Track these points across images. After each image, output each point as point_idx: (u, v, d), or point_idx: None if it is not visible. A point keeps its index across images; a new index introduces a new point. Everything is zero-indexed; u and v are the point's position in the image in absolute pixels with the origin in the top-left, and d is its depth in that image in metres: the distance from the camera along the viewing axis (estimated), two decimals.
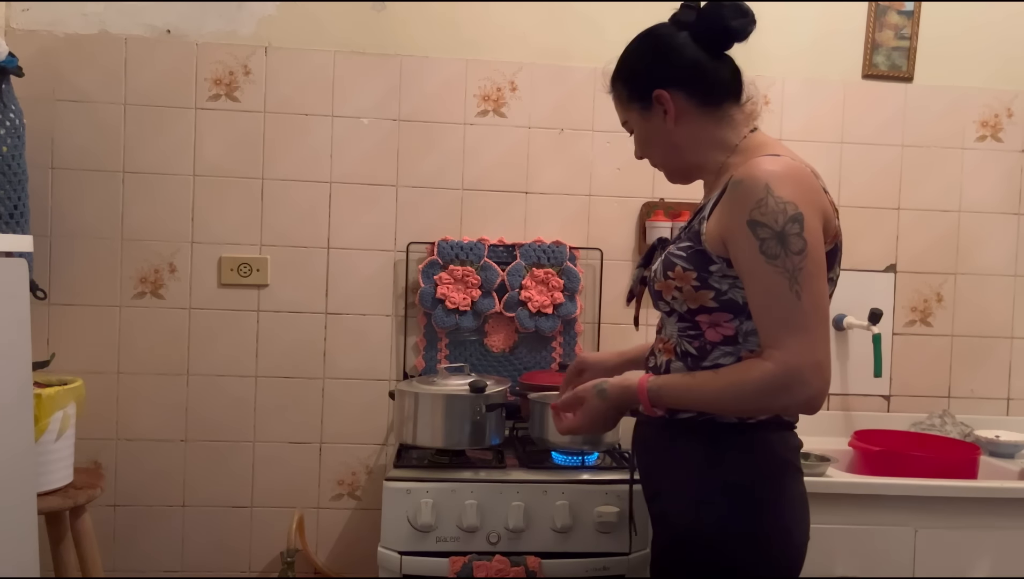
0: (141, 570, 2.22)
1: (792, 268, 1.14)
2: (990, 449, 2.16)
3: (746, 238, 1.17)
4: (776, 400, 1.17)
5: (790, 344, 1.14)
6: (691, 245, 1.26)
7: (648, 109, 1.33)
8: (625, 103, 1.38)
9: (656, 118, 1.33)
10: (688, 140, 1.33)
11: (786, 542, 1.27)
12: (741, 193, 1.19)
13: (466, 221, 2.27)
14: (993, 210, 2.39)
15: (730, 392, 1.19)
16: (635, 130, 1.39)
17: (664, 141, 1.35)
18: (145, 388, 2.20)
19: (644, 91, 1.32)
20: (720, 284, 1.23)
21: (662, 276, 1.29)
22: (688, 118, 1.31)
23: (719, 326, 1.26)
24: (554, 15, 2.26)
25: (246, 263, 2.21)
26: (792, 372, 1.13)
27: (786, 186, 1.17)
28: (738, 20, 1.29)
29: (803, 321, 1.14)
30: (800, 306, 1.14)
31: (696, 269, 1.24)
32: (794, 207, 1.16)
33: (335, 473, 2.26)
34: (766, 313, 1.17)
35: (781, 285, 1.15)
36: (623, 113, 1.40)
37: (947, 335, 2.39)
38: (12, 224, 1.90)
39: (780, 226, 1.15)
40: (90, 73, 2.16)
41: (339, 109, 2.22)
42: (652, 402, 1.27)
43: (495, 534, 1.74)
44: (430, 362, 2.25)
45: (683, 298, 1.27)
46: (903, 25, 2.33)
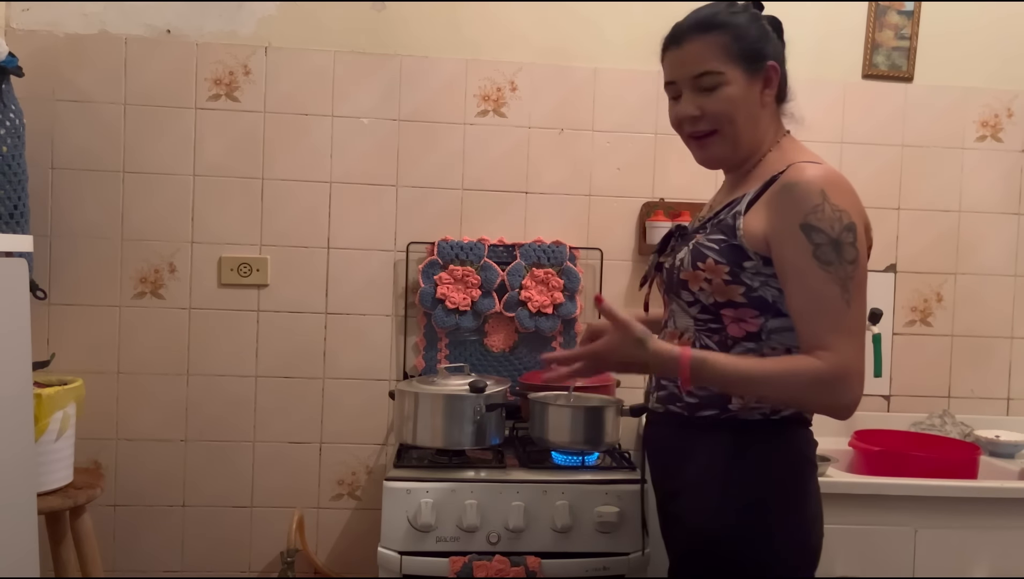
0: (141, 570, 2.22)
1: (845, 276, 1.16)
2: (990, 449, 2.16)
3: (798, 241, 1.18)
4: (821, 397, 1.17)
5: (841, 347, 1.15)
6: (724, 239, 1.25)
7: (753, 75, 1.28)
8: (729, 55, 1.26)
9: (752, 87, 1.28)
10: (762, 121, 1.31)
11: (806, 542, 1.28)
12: (795, 196, 1.19)
13: (466, 221, 2.27)
14: (993, 210, 2.39)
15: (779, 379, 1.17)
16: (724, 87, 1.26)
17: (751, 112, 1.29)
18: (145, 388, 2.20)
19: (759, 55, 1.28)
20: (752, 280, 1.24)
21: (690, 266, 1.27)
22: (770, 102, 1.32)
23: (744, 322, 1.26)
24: (554, 15, 2.26)
25: (246, 263, 2.21)
26: (841, 373, 1.15)
27: (841, 195, 1.19)
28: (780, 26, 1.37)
29: (852, 329, 1.17)
30: (850, 314, 1.16)
31: (729, 263, 1.24)
32: (848, 216, 1.18)
33: (335, 473, 2.26)
34: (814, 317, 1.18)
35: (833, 292, 1.16)
36: (717, 63, 1.26)
37: (947, 335, 2.39)
38: (12, 224, 1.90)
39: (836, 234, 1.17)
40: (90, 73, 2.16)
41: (339, 109, 2.22)
42: (693, 375, 1.19)
43: (495, 534, 1.74)
44: (430, 362, 2.25)
45: (711, 290, 1.26)
46: (903, 25, 2.33)
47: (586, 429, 1.84)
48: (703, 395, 1.29)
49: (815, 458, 1.32)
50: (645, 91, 2.26)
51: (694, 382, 1.21)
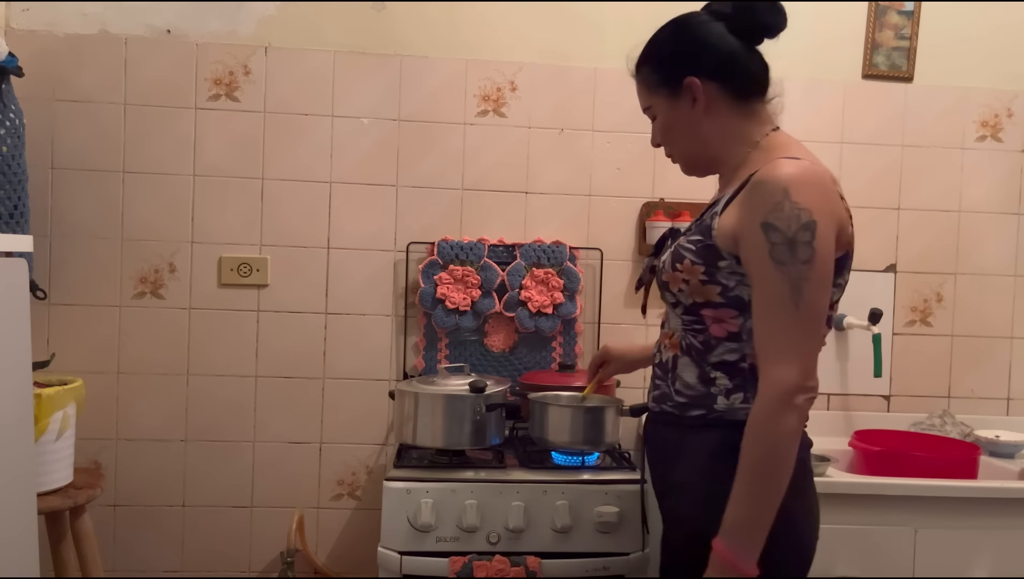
0: (141, 570, 2.22)
1: (796, 276, 1.15)
2: (990, 449, 2.16)
3: (758, 240, 1.17)
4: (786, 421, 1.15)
5: (780, 359, 1.15)
6: (701, 239, 1.26)
7: (676, 96, 1.31)
8: (652, 88, 1.35)
9: (684, 106, 1.31)
10: (714, 132, 1.32)
11: (795, 541, 1.27)
12: (760, 194, 1.19)
13: (466, 221, 2.27)
14: (993, 210, 2.39)
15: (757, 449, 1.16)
16: (659, 117, 1.36)
17: (689, 131, 1.33)
18: (145, 388, 2.20)
19: (676, 77, 1.30)
20: (728, 280, 1.24)
21: (670, 268, 1.29)
22: (717, 109, 1.31)
23: (723, 322, 1.26)
24: (554, 15, 2.26)
25: (246, 263, 2.21)
26: (783, 391, 1.14)
27: (804, 192, 1.17)
28: (772, 17, 1.30)
29: (796, 332, 1.15)
30: (796, 316, 1.15)
31: (704, 263, 1.25)
32: (808, 214, 1.16)
33: (335, 473, 2.26)
34: (764, 318, 1.18)
35: (783, 292, 1.15)
36: (647, 98, 1.37)
37: (947, 335, 2.39)
38: (12, 224, 1.90)
39: (792, 232, 1.15)
40: (90, 73, 2.16)
41: (339, 109, 2.22)
42: (731, 544, 1.15)
43: (495, 534, 1.74)
44: (430, 362, 2.25)
45: (689, 291, 1.27)
46: (903, 25, 2.33)
47: (586, 429, 1.84)
48: (691, 394, 1.30)
49: (808, 458, 1.30)
50: None
51: (738, 547, 1.16)
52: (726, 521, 1.17)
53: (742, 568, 1.15)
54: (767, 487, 1.16)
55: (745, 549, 1.16)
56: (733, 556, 1.15)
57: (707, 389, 1.28)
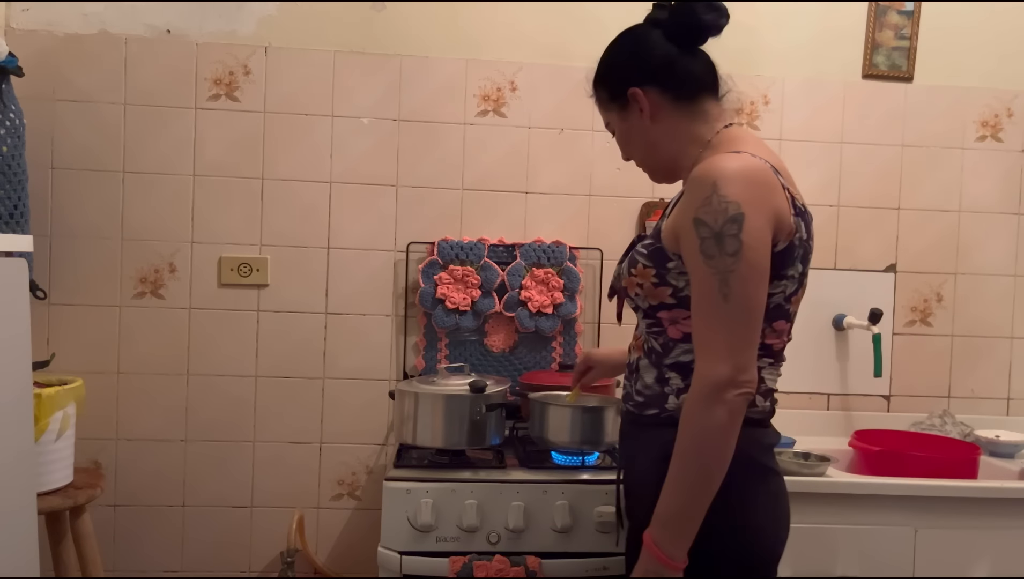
0: (141, 570, 2.22)
1: (724, 269, 1.15)
2: (990, 449, 2.16)
3: (690, 236, 1.18)
4: (716, 414, 1.14)
5: (710, 353, 1.15)
6: (652, 242, 1.28)
7: (625, 108, 1.35)
8: (605, 105, 1.40)
9: (633, 117, 1.35)
10: (664, 137, 1.33)
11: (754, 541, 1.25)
12: (692, 190, 1.20)
13: (466, 221, 2.27)
14: (993, 210, 2.39)
15: (687, 441, 1.16)
16: (616, 131, 1.41)
17: (642, 139, 1.36)
18: (145, 388, 2.20)
19: (620, 90, 1.34)
20: (677, 281, 1.25)
21: (627, 272, 1.32)
22: (663, 114, 1.32)
23: (678, 323, 1.27)
24: (554, 15, 2.26)
25: (246, 263, 2.21)
26: (713, 384, 1.14)
27: (733, 185, 1.16)
28: (710, 15, 1.30)
29: (725, 325, 1.15)
30: (725, 308, 1.15)
31: (655, 266, 1.26)
32: (736, 207, 1.15)
33: (335, 473, 2.26)
34: (697, 313, 1.19)
35: (712, 285, 1.16)
36: (605, 115, 1.42)
37: (947, 335, 2.39)
38: (12, 224, 1.90)
39: (719, 226, 1.15)
40: (90, 73, 2.16)
41: (339, 109, 2.22)
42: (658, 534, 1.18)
43: (495, 534, 1.74)
44: (430, 362, 2.25)
45: (644, 294, 1.29)
46: (903, 25, 2.33)
47: (586, 429, 1.85)
48: (648, 394, 1.32)
49: (764, 457, 1.28)
50: None
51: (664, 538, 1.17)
52: (656, 512, 1.19)
53: (668, 560, 1.16)
54: (695, 480, 1.16)
55: (672, 540, 1.17)
56: (659, 547, 1.17)
57: (661, 389, 1.30)
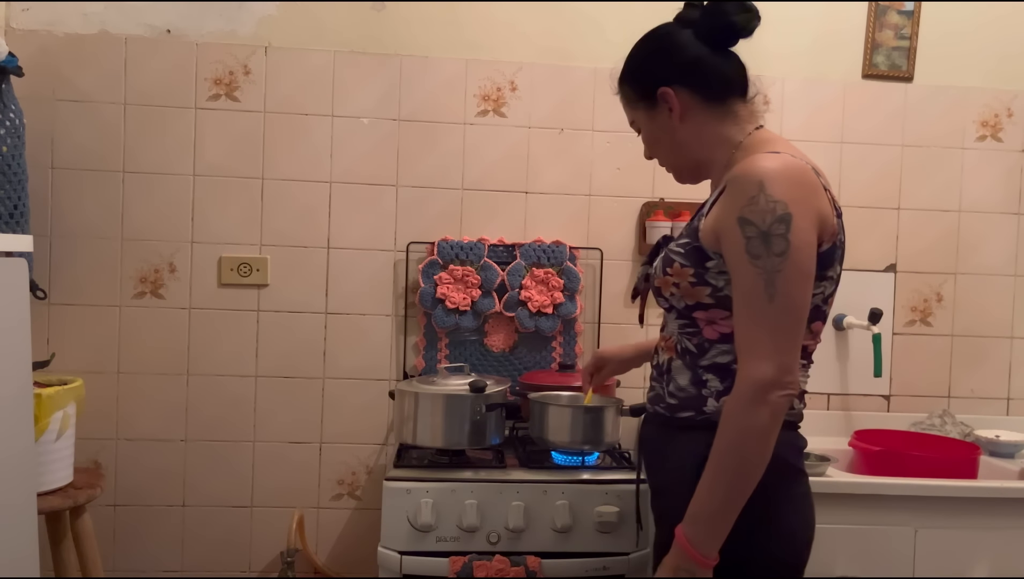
0: (141, 570, 2.22)
1: (770, 269, 1.15)
2: (990, 449, 2.16)
3: (735, 235, 1.18)
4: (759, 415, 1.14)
5: (756, 352, 1.15)
6: (689, 242, 1.27)
7: (653, 108, 1.34)
8: (632, 103, 1.39)
9: (662, 116, 1.34)
10: (693, 137, 1.33)
11: (787, 544, 1.26)
12: (736, 189, 1.20)
13: (466, 221, 2.27)
14: (993, 210, 2.39)
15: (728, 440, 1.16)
16: (642, 130, 1.40)
17: (670, 139, 1.36)
18: (145, 388, 2.20)
19: (649, 90, 1.33)
20: (716, 280, 1.24)
21: (661, 272, 1.30)
22: (693, 115, 1.32)
23: (715, 323, 1.26)
24: (554, 15, 2.26)
25: (246, 263, 2.21)
26: (758, 384, 1.14)
27: (780, 185, 1.16)
28: (742, 16, 1.29)
29: (771, 326, 1.15)
30: (771, 309, 1.15)
31: (693, 265, 1.25)
32: (784, 207, 1.15)
33: (335, 473, 2.26)
34: (741, 313, 1.19)
35: (758, 286, 1.15)
36: (630, 113, 1.41)
37: (947, 335, 2.39)
38: (12, 224, 1.90)
39: (766, 226, 1.15)
40: (90, 73, 2.16)
41: (339, 109, 2.22)
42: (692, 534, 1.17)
43: (495, 534, 1.74)
44: (430, 362, 2.25)
45: (680, 294, 1.28)
46: (903, 25, 2.33)
47: (586, 429, 1.85)
48: (682, 396, 1.30)
49: (798, 460, 1.29)
50: None
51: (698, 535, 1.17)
52: (690, 509, 1.19)
53: (700, 557, 1.17)
54: (732, 480, 1.16)
55: (705, 538, 1.17)
56: (692, 544, 1.17)
57: (698, 391, 1.28)
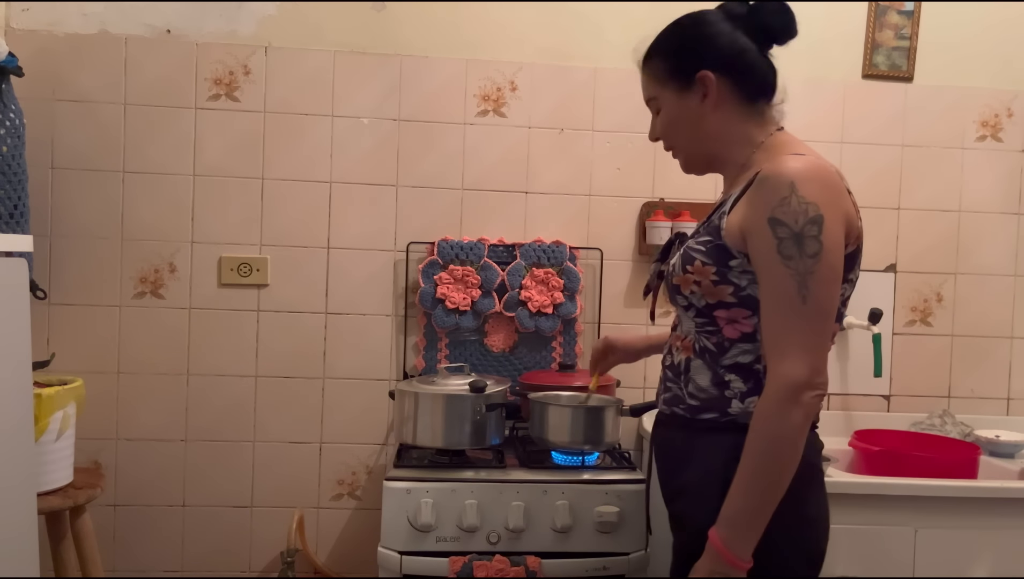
0: (141, 570, 2.22)
1: (804, 270, 1.15)
2: (990, 449, 2.16)
3: (765, 235, 1.17)
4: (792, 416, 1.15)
5: (788, 353, 1.15)
6: (711, 240, 1.25)
7: (686, 90, 1.31)
8: (660, 79, 1.33)
9: (692, 101, 1.31)
10: (719, 129, 1.31)
11: (807, 546, 1.27)
12: (766, 190, 1.19)
13: (466, 221, 2.27)
14: (993, 210, 2.39)
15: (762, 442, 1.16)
16: (663, 110, 1.34)
17: (693, 126, 1.32)
18: (145, 388, 2.20)
19: (687, 70, 1.30)
20: (739, 280, 1.23)
21: (680, 270, 1.28)
22: (725, 107, 1.31)
23: (737, 322, 1.25)
24: (554, 15, 2.26)
25: (246, 263, 2.21)
26: (791, 386, 1.14)
27: (811, 186, 1.17)
28: (783, 20, 1.32)
29: (804, 327, 1.15)
30: (804, 310, 1.15)
31: (715, 264, 1.24)
32: (816, 209, 1.16)
33: (335, 473, 2.26)
34: (772, 314, 1.18)
35: (790, 287, 1.15)
36: (654, 89, 1.35)
37: (947, 335, 2.39)
38: (12, 224, 1.90)
39: (799, 227, 1.15)
40: (90, 73, 2.16)
41: (339, 109, 2.22)
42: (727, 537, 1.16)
43: (495, 534, 1.74)
44: (430, 362, 2.25)
45: (701, 293, 1.26)
46: (903, 25, 2.33)
47: (586, 429, 1.85)
48: (704, 397, 1.29)
49: (818, 461, 1.31)
50: None
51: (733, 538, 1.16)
52: (724, 512, 1.18)
53: (735, 559, 1.16)
54: (767, 481, 1.16)
55: (740, 540, 1.16)
56: (727, 547, 1.16)
57: (720, 392, 1.27)
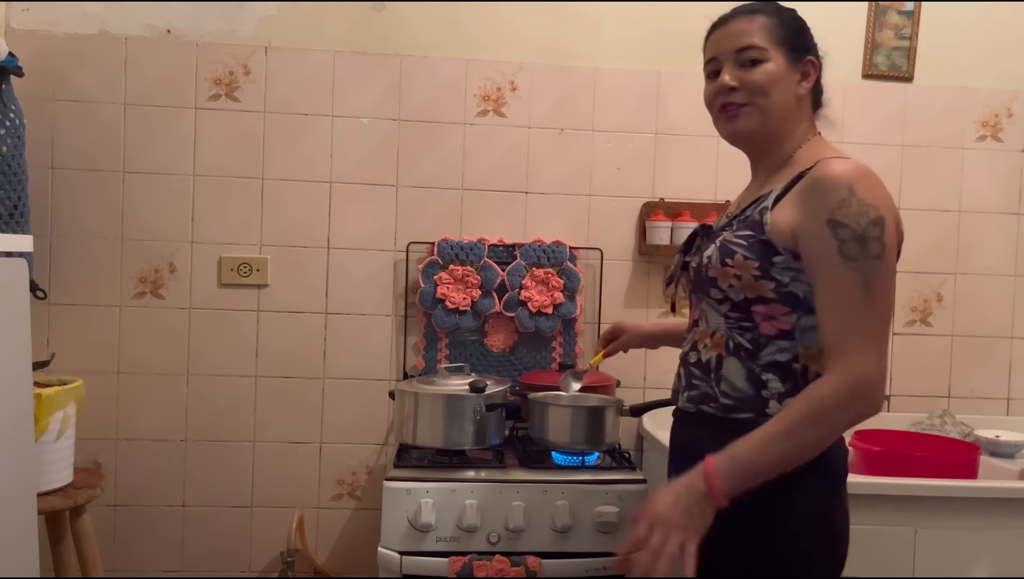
0: (141, 570, 2.22)
1: (868, 272, 1.16)
2: (990, 449, 2.16)
3: (824, 237, 1.18)
4: (848, 416, 1.15)
5: (858, 349, 1.15)
6: (752, 234, 1.25)
7: (793, 63, 1.32)
8: (775, 38, 1.31)
9: (791, 73, 1.32)
10: (795, 112, 1.34)
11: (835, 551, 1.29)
12: (822, 191, 1.20)
13: (466, 221, 2.27)
14: (993, 210, 2.39)
15: (808, 418, 1.15)
16: (767, 65, 1.30)
17: (786, 95, 1.32)
18: (145, 388, 2.20)
19: (801, 48, 1.33)
20: (782, 276, 1.23)
21: (719, 263, 1.27)
22: (805, 97, 1.35)
23: (775, 319, 1.25)
24: (554, 15, 2.26)
25: (246, 263, 2.21)
26: (858, 384, 1.14)
27: (869, 188, 1.20)
28: None
29: (872, 326, 1.16)
30: (871, 311, 1.16)
31: (758, 259, 1.23)
32: (876, 210, 1.18)
33: (335, 473, 2.26)
34: (836, 314, 1.18)
35: (855, 288, 1.16)
36: (765, 42, 1.30)
37: (947, 335, 2.39)
38: (12, 224, 1.90)
39: (862, 228, 1.17)
40: (90, 73, 2.16)
41: (339, 109, 2.22)
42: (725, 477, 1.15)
43: (495, 534, 1.74)
44: (430, 362, 2.25)
45: (740, 287, 1.26)
46: (903, 25, 2.33)
47: (586, 429, 1.85)
48: (739, 397, 1.27)
49: (846, 465, 1.31)
50: (645, 91, 2.26)
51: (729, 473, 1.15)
52: (735, 448, 1.16)
53: (717, 490, 1.14)
54: (791, 448, 1.15)
55: (734, 479, 1.15)
56: (718, 474, 1.14)
57: (757, 392, 1.26)
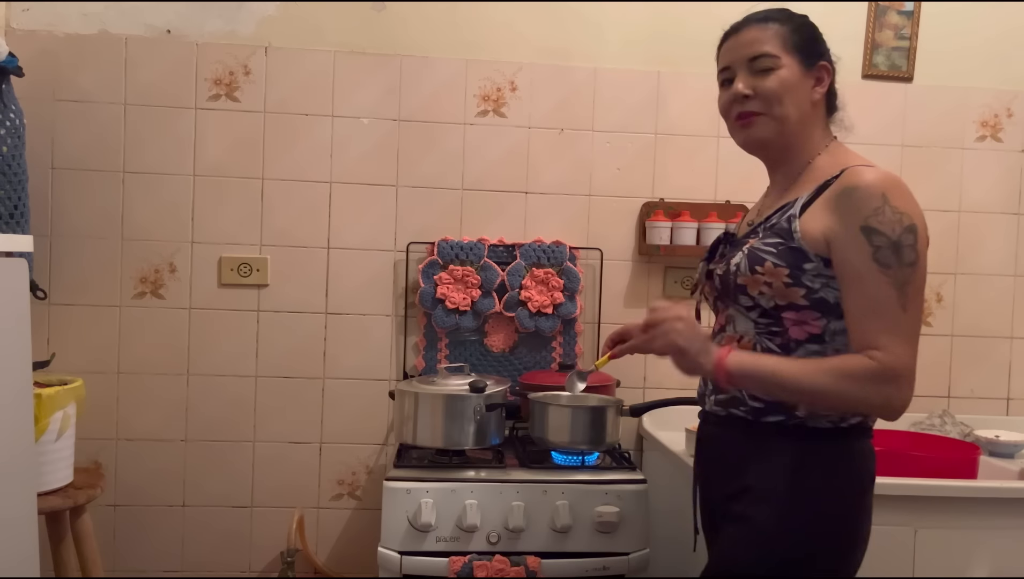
0: (141, 570, 2.22)
1: (903, 279, 1.17)
2: (990, 449, 2.16)
3: (858, 243, 1.19)
4: (873, 396, 1.17)
5: (894, 349, 1.16)
6: (781, 242, 1.26)
7: (807, 68, 1.33)
8: (787, 45, 1.32)
9: (804, 80, 1.32)
10: (811, 117, 1.35)
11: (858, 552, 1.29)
12: (856, 198, 1.21)
13: (466, 221, 2.27)
14: (993, 210, 2.39)
15: (829, 377, 1.18)
16: (779, 72, 1.31)
17: (799, 102, 1.32)
18: (145, 388, 2.20)
19: (814, 53, 1.34)
20: (813, 282, 1.24)
21: (748, 270, 1.27)
22: (820, 103, 1.36)
23: (806, 324, 1.26)
24: (554, 15, 2.26)
25: (246, 263, 2.21)
26: (893, 373, 1.16)
27: (901, 196, 1.20)
28: None
29: (907, 332, 1.18)
30: (906, 317, 1.18)
31: (789, 266, 1.24)
32: (909, 218, 1.19)
33: (335, 473, 2.26)
34: (869, 319, 1.19)
35: (890, 295, 1.17)
36: (777, 49, 1.31)
37: (947, 335, 2.39)
38: (12, 224, 1.90)
39: (896, 236, 1.18)
40: (90, 73, 2.16)
41: (339, 109, 2.22)
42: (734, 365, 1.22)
43: (495, 534, 1.74)
44: (430, 362, 2.25)
45: (771, 294, 1.26)
46: (903, 25, 2.33)
47: (586, 429, 1.85)
48: (768, 401, 1.28)
49: (875, 470, 1.32)
50: (645, 91, 2.26)
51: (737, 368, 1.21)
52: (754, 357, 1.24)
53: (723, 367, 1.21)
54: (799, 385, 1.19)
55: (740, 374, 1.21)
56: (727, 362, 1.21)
57: None
